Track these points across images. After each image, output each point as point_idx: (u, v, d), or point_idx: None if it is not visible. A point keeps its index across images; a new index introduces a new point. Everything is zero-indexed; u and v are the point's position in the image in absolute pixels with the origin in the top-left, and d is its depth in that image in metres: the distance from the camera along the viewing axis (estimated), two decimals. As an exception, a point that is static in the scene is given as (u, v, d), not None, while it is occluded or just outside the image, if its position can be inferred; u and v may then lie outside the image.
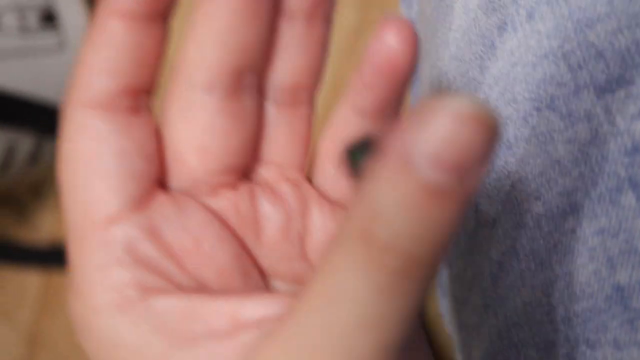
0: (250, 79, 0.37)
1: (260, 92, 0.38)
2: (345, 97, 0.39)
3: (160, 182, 0.37)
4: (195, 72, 0.36)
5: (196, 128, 0.36)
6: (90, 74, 0.35)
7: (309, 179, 0.41)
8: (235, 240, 0.37)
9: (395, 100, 0.38)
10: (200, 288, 0.35)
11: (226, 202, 0.37)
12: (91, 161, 0.35)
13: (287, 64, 0.38)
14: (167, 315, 0.33)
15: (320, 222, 0.40)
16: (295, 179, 0.40)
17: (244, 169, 0.38)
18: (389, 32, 0.36)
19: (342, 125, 0.39)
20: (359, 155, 0.30)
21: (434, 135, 0.24)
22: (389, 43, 0.36)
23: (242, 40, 0.36)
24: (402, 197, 0.25)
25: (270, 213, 0.38)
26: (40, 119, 1.05)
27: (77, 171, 0.35)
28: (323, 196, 0.40)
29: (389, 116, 0.39)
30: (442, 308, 0.52)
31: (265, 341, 0.30)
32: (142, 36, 0.35)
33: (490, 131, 0.24)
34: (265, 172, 0.39)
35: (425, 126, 0.24)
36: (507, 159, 0.42)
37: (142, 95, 0.36)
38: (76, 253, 0.35)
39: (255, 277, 0.38)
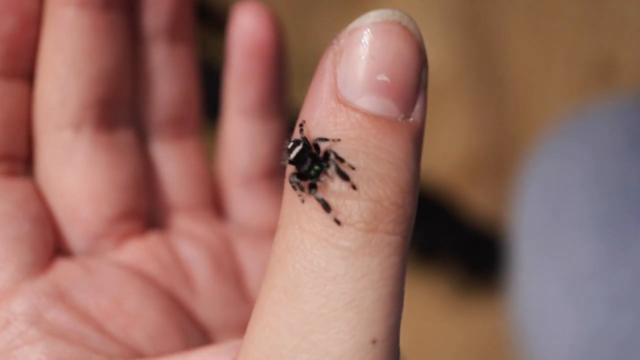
0: (119, 111, 0.34)
1: (137, 127, 0.35)
2: (228, 106, 0.37)
3: (58, 249, 0.32)
4: (57, 112, 0.32)
5: (75, 171, 0.33)
6: None
7: (221, 212, 0.38)
8: (163, 294, 0.33)
9: (276, 91, 0.36)
10: (132, 354, 0.30)
11: (139, 252, 0.33)
12: None
13: (159, 94, 0.35)
14: None
15: (249, 256, 0.36)
16: (208, 217, 0.36)
17: (146, 215, 0.34)
18: (243, 15, 0.35)
19: (234, 139, 0.37)
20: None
21: (354, 60, 0.25)
22: (247, 24, 0.35)
23: (99, 67, 0.33)
24: (350, 133, 0.25)
25: (193, 256, 0.34)
26: None
27: None
28: (242, 228, 0.37)
29: (276, 112, 0.37)
30: None
31: None
32: (2, 93, 0.32)
33: (410, 37, 0.25)
34: (174, 217, 0.36)
35: (342, 56, 0.25)
36: None
37: (16, 161, 0.32)
38: None
39: (195, 334, 0.33)
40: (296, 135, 0.27)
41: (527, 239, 0.62)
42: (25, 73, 0.33)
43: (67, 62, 0.32)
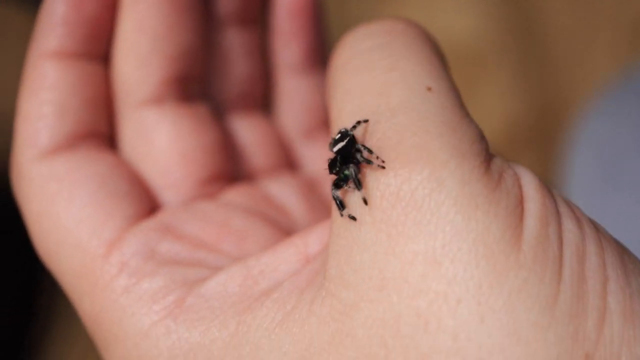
0: (196, 86, 0.36)
1: (211, 102, 0.37)
2: (276, 65, 0.39)
3: (156, 209, 0.33)
4: (139, 89, 0.34)
5: (164, 140, 0.34)
6: (32, 123, 0.31)
7: (295, 168, 0.40)
8: (265, 218, 0.34)
9: (319, 44, 0.39)
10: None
11: (233, 195, 0.35)
12: (69, 200, 0.31)
13: (230, 72, 0.38)
14: (224, 292, 0.29)
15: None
16: (286, 172, 0.39)
17: (232, 178, 0.36)
18: None
19: (286, 97, 0.40)
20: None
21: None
22: None
23: (178, 45, 0.34)
24: None
25: (284, 192, 0.36)
26: None
27: (57, 220, 0.31)
28: (318, 174, 0.39)
29: (321, 65, 0.39)
30: None
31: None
32: (83, 75, 0.33)
33: None
34: (255, 177, 0.38)
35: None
36: None
37: (101, 138, 0.33)
38: (95, 297, 0.30)
39: None
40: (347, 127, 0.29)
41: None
42: (103, 55, 0.34)
43: (148, 41, 0.34)
